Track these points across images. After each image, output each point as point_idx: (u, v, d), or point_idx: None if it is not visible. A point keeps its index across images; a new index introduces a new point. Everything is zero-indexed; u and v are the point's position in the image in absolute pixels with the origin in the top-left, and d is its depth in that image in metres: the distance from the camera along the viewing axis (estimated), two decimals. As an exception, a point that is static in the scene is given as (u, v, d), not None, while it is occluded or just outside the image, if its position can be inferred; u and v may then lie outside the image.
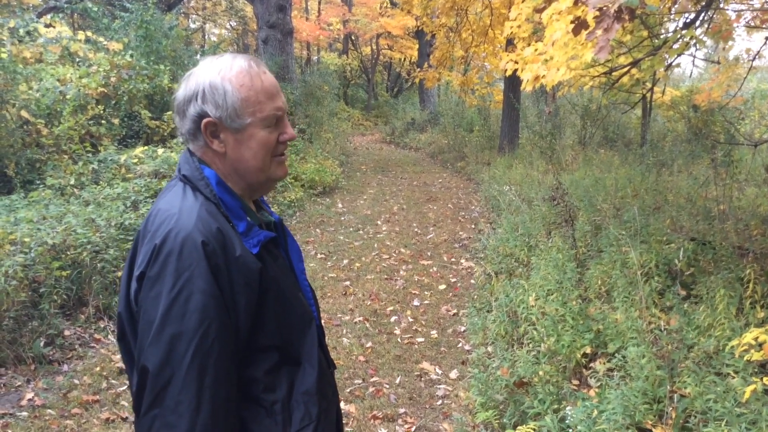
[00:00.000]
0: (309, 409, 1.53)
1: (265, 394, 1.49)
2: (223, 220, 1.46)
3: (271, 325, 1.49)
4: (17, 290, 4.52)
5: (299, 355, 1.56)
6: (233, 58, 1.52)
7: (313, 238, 8.74)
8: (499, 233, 7.76)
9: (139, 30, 10.04)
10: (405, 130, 22.85)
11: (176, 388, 1.31)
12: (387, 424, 4.09)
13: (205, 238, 1.38)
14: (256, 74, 1.50)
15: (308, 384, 1.55)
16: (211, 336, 1.34)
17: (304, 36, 25.67)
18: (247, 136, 1.50)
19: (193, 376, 1.32)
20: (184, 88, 1.52)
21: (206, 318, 1.34)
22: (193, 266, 1.35)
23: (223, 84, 1.47)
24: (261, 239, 1.51)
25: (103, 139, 7.72)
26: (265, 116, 1.51)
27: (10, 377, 4.40)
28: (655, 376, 3.52)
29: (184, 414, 1.31)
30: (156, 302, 1.35)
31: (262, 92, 1.50)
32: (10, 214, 5.26)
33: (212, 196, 1.48)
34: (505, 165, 12.87)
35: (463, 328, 5.64)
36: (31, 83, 7.67)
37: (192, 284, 1.34)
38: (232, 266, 1.40)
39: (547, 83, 5.03)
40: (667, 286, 4.97)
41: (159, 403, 1.32)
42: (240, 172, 1.54)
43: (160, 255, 1.37)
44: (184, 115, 1.51)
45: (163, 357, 1.32)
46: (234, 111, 1.47)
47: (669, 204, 7.09)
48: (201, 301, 1.34)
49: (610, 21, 3.33)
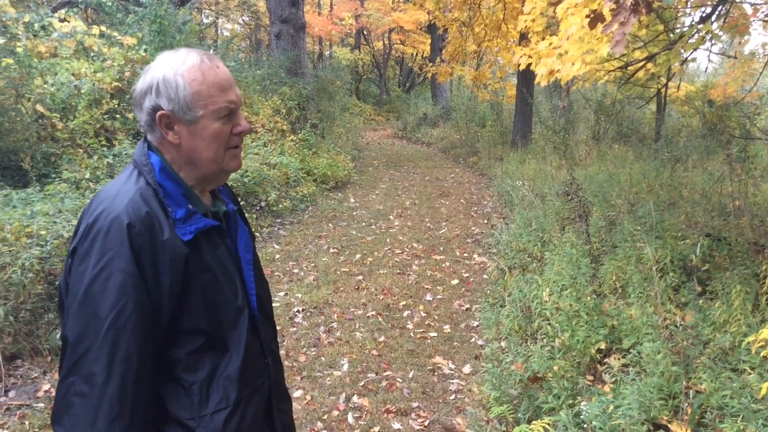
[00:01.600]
0: (228, 394, 1.57)
1: (185, 374, 1.54)
2: (157, 205, 1.52)
3: (198, 310, 1.54)
4: (34, 283, 4.55)
5: (228, 341, 1.61)
6: (187, 54, 1.57)
7: (326, 233, 8.75)
8: (512, 228, 7.74)
9: (153, 25, 10.07)
10: (417, 125, 22.83)
11: (90, 359, 1.39)
12: (400, 418, 4.09)
13: (131, 220, 1.45)
14: (208, 68, 1.56)
15: (231, 370, 1.59)
16: (125, 313, 1.41)
17: (317, 31, 25.68)
18: (200, 128, 1.56)
19: (106, 349, 1.39)
20: (141, 82, 1.58)
21: (123, 296, 1.41)
22: (116, 246, 1.42)
23: (175, 78, 1.53)
24: (200, 227, 1.57)
25: (118, 133, 7.74)
26: (217, 109, 1.56)
27: (26, 369, 4.44)
28: (670, 372, 3.51)
29: (95, 384, 1.38)
30: (81, 277, 1.43)
31: (213, 86, 1.55)
32: (26, 208, 5.29)
33: (152, 182, 1.54)
34: (518, 160, 12.82)
35: (476, 323, 5.64)
36: (47, 77, 7.71)
37: (113, 263, 1.42)
38: (159, 248, 1.47)
39: (561, 78, 5.00)
40: (682, 282, 4.95)
41: (75, 372, 1.40)
42: (194, 163, 1.60)
43: (90, 233, 1.46)
44: (141, 107, 1.58)
45: (82, 329, 1.41)
46: (186, 104, 1.53)
47: (684, 200, 7.05)
48: (120, 280, 1.41)
49: (627, 14, 3.31)
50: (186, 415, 1.54)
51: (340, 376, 4.64)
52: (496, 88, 19.10)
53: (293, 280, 6.74)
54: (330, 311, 5.89)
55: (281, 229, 8.85)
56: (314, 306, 5.98)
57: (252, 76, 12.65)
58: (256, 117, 11.54)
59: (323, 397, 4.34)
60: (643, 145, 11.90)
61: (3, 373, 4.24)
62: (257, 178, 8.91)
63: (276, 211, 9.23)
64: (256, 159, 9.49)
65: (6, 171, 6.52)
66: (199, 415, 1.54)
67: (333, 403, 4.27)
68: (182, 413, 1.54)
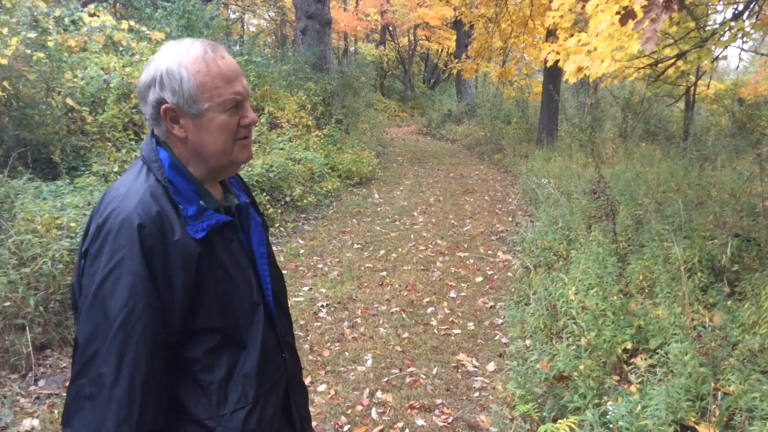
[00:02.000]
0: (246, 392, 1.56)
1: (202, 374, 1.53)
2: (168, 203, 1.48)
3: (212, 308, 1.52)
4: (63, 274, 4.62)
5: (244, 337, 1.59)
6: (191, 44, 1.52)
7: (350, 228, 8.76)
8: (538, 226, 7.70)
9: (180, 20, 10.16)
10: (441, 121, 22.78)
11: (99, 362, 1.37)
12: (424, 414, 4.09)
13: (142, 220, 1.41)
14: (212, 60, 1.51)
15: (248, 367, 1.57)
16: (135, 316, 1.38)
17: (342, 26, 25.70)
18: (206, 121, 1.52)
19: (114, 352, 1.37)
20: (144, 74, 1.53)
21: (132, 297, 1.38)
22: (126, 247, 1.39)
23: (179, 70, 1.48)
24: (212, 223, 1.53)
25: (146, 128, 7.82)
26: (223, 101, 1.51)
27: (55, 358, 4.51)
28: (698, 373, 3.47)
29: (103, 386, 1.37)
30: (93, 278, 1.41)
31: (218, 77, 1.50)
32: (56, 200, 5.36)
33: (163, 179, 1.51)
34: (544, 157, 12.74)
35: (500, 321, 5.62)
36: (76, 71, 7.80)
37: (123, 265, 1.39)
38: (170, 249, 1.44)
39: (590, 75, 4.97)
40: (710, 283, 4.89)
41: (84, 374, 1.39)
42: (202, 156, 1.56)
43: (101, 233, 1.43)
44: (146, 101, 1.53)
45: (91, 331, 1.39)
46: (190, 97, 1.49)
47: (712, 199, 6.96)
48: (130, 282, 1.38)
49: (659, 11, 3.28)
50: (205, 415, 1.53)
51: (363, 372, 4.65)
52: (521, 85, 18.99)
53: (317, 275, 6.77)
54: (354, 307, 5.91)
55: (306, 224, 8.88)
56: (338, 301, 6.00)
57: (278, 71, 12.69)
58: (282, 112, 11.59)
59: (347, 392, 4.36)
60: (671, 144, 11.77)
61: (33, 363, 4.31)
62: (282, 173, 8.95)
63: (300, 206, 9.27)
64: (281, 154, 9.53)
65: (36, 163, 6.61)
66: (218, 414, 1.53)
67: (357, 398, 4.29)
68: (201, 413, 1.53)
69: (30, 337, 4.33)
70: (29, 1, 7.63)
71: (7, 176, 5.62)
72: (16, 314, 4.34)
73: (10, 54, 6.22)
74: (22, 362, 4.28)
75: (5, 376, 4.20)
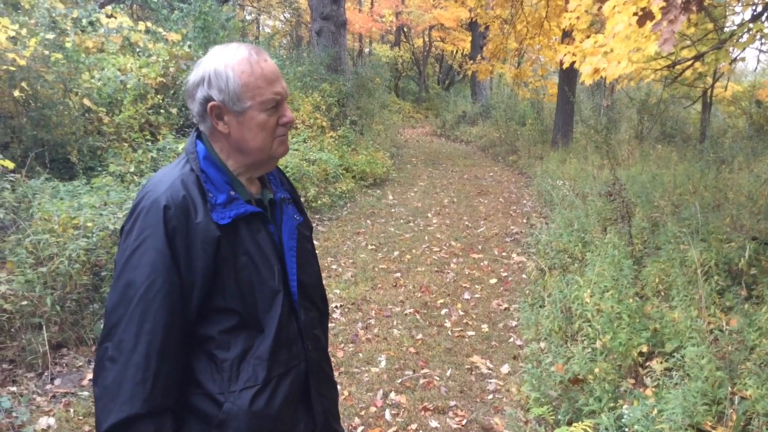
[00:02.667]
0: (256, 373, 1.64)
1: (217, 351, 1.62)
2: (196, 190, 1.61)
3: (231, 290, 1.62)
4: (80, 273, 4.65)
5: (262, 322, 1.67)
6: (237, 47, 1.65)
7: (364, 229, 8.77)
8: (552, 228, 7.66)
9: (197, 21, 10.21)
10: (456, 122, 22.73)
11: (121, 328, 1.50)
12: (438, 416, 4.08)
13: (168, 203, 1.55)
14: (256, 62, 1.64)
15: (262, 350, 1.65)
16: (155, 288, 1.51)
17: (357, 28, 25.70)
18: (248, 119, 1.65)
19: (135, 320, 1.49)
20: (194, 74, 1.67)
21: (153, 272, 1.51)
22: (152, 226, 1.53)
23: (225, 71, 1.61)
24: (239, 212, 1.64)
25: (162, 128, 7.86)
26: (264, 100, 1.64)
27: (72, 357, 4.54)
28: (714, 377, 3.43)
29: (123, 351, 1.49)
30: (123, 253, 1.55)
31: (261, 78, 1.63)
32: (73, 200, 5.40)
33: (196, 168, 1.64)
34: (559, 159, 12.68)
35: (514, 323, 5.60)
36: (93, 72, 7.86)
37: (149, 241, 1.53)
38: (191, 231, 1.56)
39: (607, 76, 4.94)
40: (727, 286, 4.84)
41: (109, 338, 1.51)
42: (243, 151, 1.69)
43: (134, 212, 1.58)
44: (194, 98, 1.66)
45: (117, 299, 1.52)
46: (235, 95, 1.61)
47: (729, 202, 6.89)
48: (152, 257, 1.52)
49: (677, 12, 3.25)
50: (216, 389, 1.61)
51: (377, 373, 4.65)
52: (536, 86, 18.92)
53: (331, 276, 6.77)
54: (368, 308, 5.91)
55: (320, 225, 8.90)
56: (352, 302, 6.00)
57: (293, 72, 12.73)
58: (296, 113, 11.61)
59: (360, 393, 4.36)
60: (688, 146, 11.68)
61: (49, 361, 4.34)
62: (297, 174, 8.97)
63: (315, 207, 9.28)
64: (296, 155, 9.55)
65: (54, 163, 6.67)
66: (228, 390, 1.61)
67: (370, 399, 4.29)
68: (212, 387, 1.61)
69: (46, 336, 4.37)
70: (48, 3, 7.70)
71: (24, 176, 5.67)
72: (33, 313, 4.38)
73: (28, 55, 6.28)
74: (38, 361, 4.32)
75: (22, 374, 4.23)
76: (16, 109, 6.50)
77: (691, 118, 14.84)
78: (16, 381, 4.16)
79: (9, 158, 5.53)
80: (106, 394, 1.48)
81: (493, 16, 15.12)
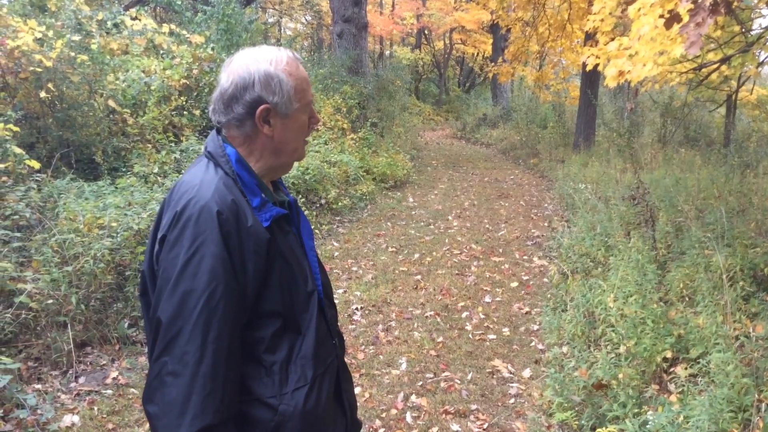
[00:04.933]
0: (305, 372, 1.65)
1: (266, 355, 1.61)
2: (239, 193, 1.59)
3: (276, 293, 1.62)
4: (104, 273, 4.70)
5: (300, 323, 1.68)
6: (277, 50, 1.66)
7: (384, 231, 8.77)
8: (575, 232, 7.61)
9: (220, 23, 10.28)
10: (476, 125, 22.65)
11: (183, 340, 1.45)
12: (459, 420, 4.07)
13: (220, 207, 1.52)
14: (297, 65, 1.67)
15: (305, 350, 1.66)
16: (217, 295, 1.47)
17: (378, 30, 25.71)
18: (293, 121, 1.67)
19: (199, 330, 1.46)
20: (233, 77, 1.62)
21: (214, 279, 1.48)
22: (207, 232, 1.49)
23: (277, 73, 1.62)
24: (273, 214, 1.64)
25: (185, 130, 7.92)
26: (308, 102, 1.69)
27: (96, 356, 4.58)
28: (740, 383, 3.39)
29: (188, 363, 1.44)
30: (174, 262, 1.49)
31: (305, 80, 1.68)
32: (98, 200, 5.45)
33: (231, 172, 1.62)
34: (581, 162, 12.60)
35: (536, 327, 5.56)
36: (118, 74, 7.93)
37: (205, 248, 1.49)
38: (243, 234, 1.54)
39: (632, 79, 4.90)
40: (752, 292, 4.79)
41: (168, 352, 1.47)
42: (279, 153, 1.70)
43: (180, 220, 1.52)
44: (237, 101, 1.62)
45: (175, 310, 1.47)
46: (289, 97, 1.63)
47: (754, 207, 6.80)
48: (211, 264, 1.48)
49: (705, 14, 3.22)
50: (268, 393, 1.60)
51: (398, 375, 4.64)
52: (558, 89, 18.81)
53: (352, 278, 6.78)
54: (388, 310, 5.90)
55: (340, 227, 8.91)
56: (373, 304, 6.00)
57: (314, 74, 12.76)
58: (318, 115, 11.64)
59: (381, 395, 4.35)
60: (712, 150, 11.54)
61: (74, 360, 4.38)
62: (318, 175, 9.00)
63: (335, 209, 9.30)
64: (316, 157, 9.58)
65: (79, 164, 6.74)
66: (280, 393, 1.60)
67: (391, 401, 4.28)
68: (264, 392, 1.60)
69: (71, 335, 4.41)
70: (74, 5, 7.79)
71: (50, 176, 5.74)
72: (58, 312, 4.43)
73: (54, 56, 6.36)
74: (63, 359, 4.36)
75: (47, 372, 4.28)
76: (42, 110, 6.58)
77: (716, 122, 14.67)
78: (41, 379, 4.21)
79: (35, 158, 5.60)
80: (171, 411, 1.44)
81: (515, 18, 15.07)
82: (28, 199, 5.00)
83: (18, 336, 4.32)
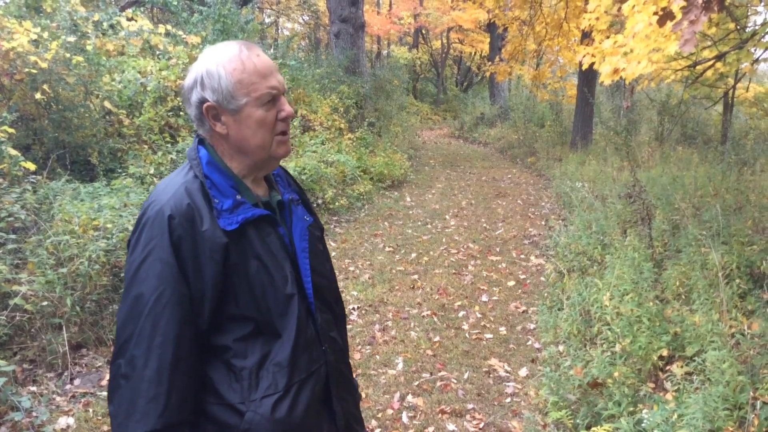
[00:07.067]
0: (276, 380, 1.61)
1: (235, 360, 1.59)
2: (201, 197, 1.58)
3: (245, 297, 1.59)
4: (99, 274, 4.69)
5: (278, 327, 1.64)
6: (227, 45, 1.63)
7: (382, 231, 8.76)
8: (571, 230, 7.61)
9: (216, 24, 10.26)
10: (474, 124, 22.66)
11: (133, 343, 1.47)
12: (455, 419, 4.06)
13: (172, 212, 1.52)
14: (247, 57, 1.60)
15: (281, 357, 1.62)
16: (163, 300, 1.48)
17: (375, 30, 25.71)
18: (245, 116, 1.61)
19: (146, 334, 1.47)
20: (188, 78, 1.65)
21: (161, 284, 1.48)
22: (158, 237, 1.50)
23: (217, 70, 1.59)
24: (247, 216, 1.60)
25: (181, 130, 7.90)
26: (260, 95, 1.60)
27: (91, 358, 4.57)
28: (736, 381, 3.39)
29: (136, 366, 1.46)
30: (130, 266, 1.53)
31: (254, 74, 1.60)
32: (93, 201, 5.44)
33: (200, 175, 1.61)
34: (578, 161, 12.61)
35: (532, 326, 5.56)
36: (114, 75, 7.92)
37: (154, 252, 1.50)
38: (198, 239, 1.53)
39: (626, 76, 4.90)
40: (748, 290, 4.78)
41: (122, 354, 1.50)
42: (243, 151, 1.66)
43: (139, 224, 1.56)
44: (190, 102, 1.64)
45: (127, 314, 1.50)
46: (229, 93, 1.58)
47: (751, 204, 6.80)
48: (159, 269, 1.48)
49: (698, 12, 3.21)
50: (236, 399, 1.58)
51: (394, 375, 4.64)
52: (555, 88, 18.80)
53: (349, 277, 6.77)
54: (385, 310, 5.90)
55: (337, 227, 8.90)
56: (369, 304, 6.00)
57: (311, 74, 12.75)
58: (315, 115, 11.64)
59: (378, 396, 4.35)
60: (709, 148, 11.55)
61: (69, 362, 4.38)
62: (315, 175, 8.99)
63: (332, 209, 9.29)
64: (313, 157, 9.57)
65: (74, 165, 6.72)
66: (249, 399, 1.58)
67: (387, 401, 4.28)
68: (233, 397, 1.58)
69: (66, 337, 4.41)
70: (69, 6, 7.77)
71: (46, 177, 5.73)
72: (53, 314, 4.42)
73: (50, 58, 6.34)
74: (58, 361, 4.35)
75: (42, 374, 4.27)
76: (38, 112, 6.57)
77: (713, 120, 14.68)
78: (36, 381, 4.20)
79: (30, 160, 5.59)
80: (121, 412, 1.47)
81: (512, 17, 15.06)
82: (23, 201, 4.99)
83: (13, 338, 4.31)
